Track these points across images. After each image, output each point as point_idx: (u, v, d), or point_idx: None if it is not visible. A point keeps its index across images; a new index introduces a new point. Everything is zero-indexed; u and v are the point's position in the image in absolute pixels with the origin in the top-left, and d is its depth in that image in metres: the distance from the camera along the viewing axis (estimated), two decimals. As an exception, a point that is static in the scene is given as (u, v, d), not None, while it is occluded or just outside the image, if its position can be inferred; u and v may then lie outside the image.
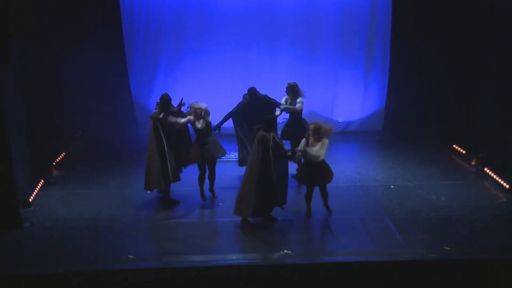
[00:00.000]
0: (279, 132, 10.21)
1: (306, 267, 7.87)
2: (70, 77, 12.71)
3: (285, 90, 10.84)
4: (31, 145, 10.77)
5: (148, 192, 9.98)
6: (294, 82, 10.77)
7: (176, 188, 10.07)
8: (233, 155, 11.60)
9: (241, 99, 10.96)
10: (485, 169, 11.00)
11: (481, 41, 11.69)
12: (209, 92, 13.24)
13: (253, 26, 13.48)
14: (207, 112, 9.62)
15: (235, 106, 10.89)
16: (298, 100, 10.65)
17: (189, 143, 9.95)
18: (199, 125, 9.54)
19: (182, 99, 9.82)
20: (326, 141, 8.94)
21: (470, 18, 12.00)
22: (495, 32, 11.05)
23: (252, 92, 10.79)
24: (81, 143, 12.75)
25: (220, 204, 9.85)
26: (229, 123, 10.96)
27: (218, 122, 10.63)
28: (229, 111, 10.88)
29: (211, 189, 10.14)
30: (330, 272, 7.85)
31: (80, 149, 12.65)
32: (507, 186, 10.19)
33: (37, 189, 10.37)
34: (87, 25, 12.52)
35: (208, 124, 9.65)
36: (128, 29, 13.31)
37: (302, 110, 10.72)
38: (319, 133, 8.92)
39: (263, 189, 8.79)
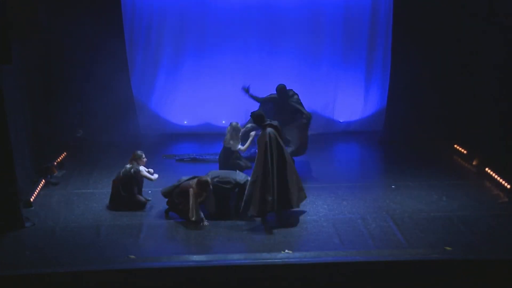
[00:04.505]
0: None
1: (307, 267, 7.86)
2: (71, 77, 12.73)
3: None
4: (32, 144, 10.77)
5: None
6: (236, 123, 10.51)
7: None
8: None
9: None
10: (486, 169, 10.98)
11: (481, 42, 11.67)
12: (209, 93, 13.27)
13: (254, 27, 13.46)
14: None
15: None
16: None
17: None
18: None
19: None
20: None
21: (470, 19, 11.98)
22: (496, 32, 11.03)
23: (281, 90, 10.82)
24: (82, 143, 12.76)
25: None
26: None
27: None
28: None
29: None
30: (331, 272, 7.83)
31: (81, 149, 12.66)
32: (508, 186, 10.17)
33: (38, 189, 10.37)
34: (88, 26, 12.51)
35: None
36: (130, 30, 13.29)
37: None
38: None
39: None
